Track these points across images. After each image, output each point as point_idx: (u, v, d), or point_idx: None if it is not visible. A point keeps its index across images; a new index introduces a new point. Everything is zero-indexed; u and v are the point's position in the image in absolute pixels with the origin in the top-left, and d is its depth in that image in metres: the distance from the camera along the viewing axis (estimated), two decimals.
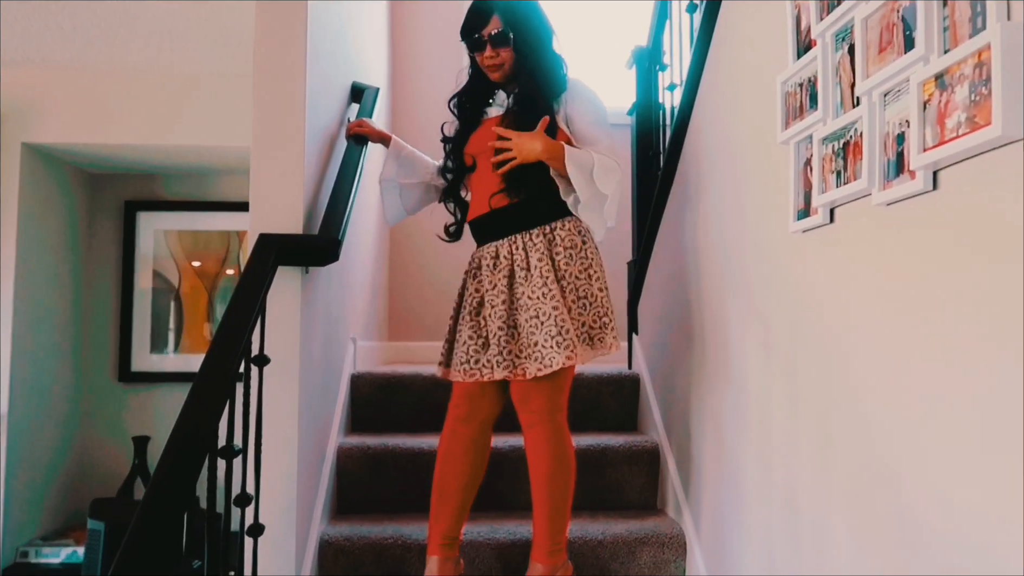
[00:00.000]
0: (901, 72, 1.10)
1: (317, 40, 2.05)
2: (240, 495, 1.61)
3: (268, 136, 1.90)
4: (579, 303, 1.85)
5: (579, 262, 1.86)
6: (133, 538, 1.17)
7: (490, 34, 1.87)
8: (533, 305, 1.80)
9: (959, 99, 0.95)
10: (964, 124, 0.94)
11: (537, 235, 1.85)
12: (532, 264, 1.83)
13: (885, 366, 1.17)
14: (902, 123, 1.10)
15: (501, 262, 1.86)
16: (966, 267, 0.97)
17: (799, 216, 1.45)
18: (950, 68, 0.97)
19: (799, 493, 1.48)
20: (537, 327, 1.79)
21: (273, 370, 1.79)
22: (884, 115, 1.16)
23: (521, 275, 1.84)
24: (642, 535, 2.14)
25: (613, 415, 2.77)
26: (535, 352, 1.78)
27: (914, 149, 1.04)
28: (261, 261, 1.76)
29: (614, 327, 1.89)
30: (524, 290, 1.82)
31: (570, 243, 1.86)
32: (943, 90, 0.99)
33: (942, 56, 1.00)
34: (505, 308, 1.82)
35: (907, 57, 1.07)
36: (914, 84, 1.04)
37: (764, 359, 1.67)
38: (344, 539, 2.07)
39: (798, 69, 1.46)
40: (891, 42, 1.13)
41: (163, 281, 3.56)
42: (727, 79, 1.95)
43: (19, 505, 3.04)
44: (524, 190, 1.86)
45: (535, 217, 1.87)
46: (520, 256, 1.85)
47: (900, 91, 1.12)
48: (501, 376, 1.81)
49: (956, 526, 0.99)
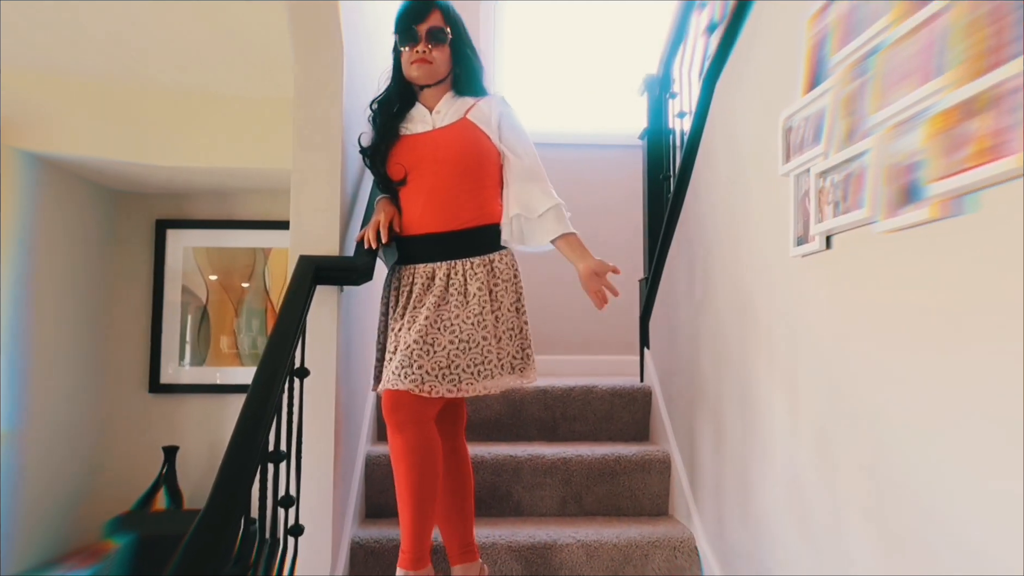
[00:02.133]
0: (916, 104, 1.17)
1: (351, 72, 2.20)
2: (284, 497, 1.75)
3: (307, 165, 2.04)
4: (507, 334, 1.89)
5: (511, 295, 1.92)
6: (197, 538, 1.29)
7: (428, 29, 1.91)
8: (465, 330, 1.82)
9: (975, 130, 1.04)
10: (985, 153, 1.01)
11: (479, 264, 1.89)
12: (470, 291, 1.87)
13: (878, 380, 1.30)
14: (913, 153, 1.17)
15: (435, 283, 1.88)
16: (980, 287, 1.07)
17: (798, 242, 1.59)
18: (967, 100, 1.06)
19: (808, 497, 1.60)
20: (463, 351, 1.81)
21: (313, 382, 1.93)
22: (895, 146, 1.23)
23: (457, 299, 1.85)
24: (654, 539, 2.26)
25: (626, 426, 2.90)
26: (452, 375, 1.79)
27: (929, 178, 1.12)
28: (301, 281, 1.90)
29: (534, 358, 1.95)
30: (458, 313, 1.84)
31: (506, 276, 1.92)
32: (959, 121, 1.07)
33: (962, 88, 1.07)
34: (426, 324, 1.81)
35: (924, 89, 1.15)
36: (928, 116, 1.13)
37: (767, 371, 1.80)
38: (374, 541, 2.20)
39: (803, 105, 1.58)
40: (906, 76, 1.21)
41: (191, 296, 3.71)
42: (736, 109, 2.08)
43: (26, 527, 3.05)
44: (471, 216, 1.91)
45: (477, 246, 1.91)
46: (458, 281, 1.87)
47: (912, 123, 1.19)
48: (404, 388, 1.76)
49: (960, 532, 1.11)
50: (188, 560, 1.23)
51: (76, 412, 3.42)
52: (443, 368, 1.79)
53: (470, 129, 1.95)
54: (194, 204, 3.75)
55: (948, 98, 1.11)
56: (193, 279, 3.72)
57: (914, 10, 1.22)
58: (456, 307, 1.85)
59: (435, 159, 1.93)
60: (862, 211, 1.32)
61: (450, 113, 1.98)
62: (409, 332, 1.82)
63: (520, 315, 1.94)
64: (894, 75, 1.27)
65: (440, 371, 1.79)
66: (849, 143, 1.39)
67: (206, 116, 3.31)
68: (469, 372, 1.81)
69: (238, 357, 3.70)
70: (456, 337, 1.82)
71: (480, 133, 1.95)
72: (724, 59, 2.15)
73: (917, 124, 1.19)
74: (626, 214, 3.93)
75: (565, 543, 2.23)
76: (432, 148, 1.94)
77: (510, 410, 2.87)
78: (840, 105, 1.43)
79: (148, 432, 3.59)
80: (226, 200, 3.76)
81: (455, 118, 1.97)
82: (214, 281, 3.73)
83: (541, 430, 2.89)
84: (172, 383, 3.65)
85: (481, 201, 1.94)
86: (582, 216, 4.06)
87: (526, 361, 1.93)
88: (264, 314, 3.72)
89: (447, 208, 1.91)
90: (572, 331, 4.00)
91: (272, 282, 3.73)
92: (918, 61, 1.21)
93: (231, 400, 3.61)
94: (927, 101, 1.16)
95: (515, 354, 1.91)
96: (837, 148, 1.43)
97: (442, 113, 1.98)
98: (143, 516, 2.95)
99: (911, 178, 1.20)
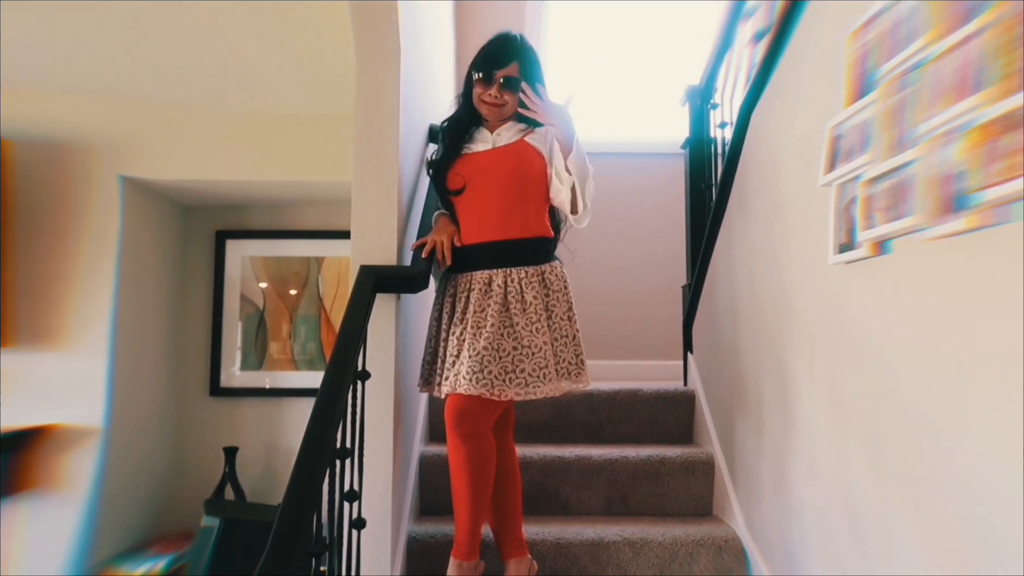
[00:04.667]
0: (966, 113, 1.21)
1: (406, 90, 2.32)
2: (349, 492, 1.86)
3: (367, 179, 2.16)
4: (561, 341, 1.99)
5: (563, 304, 2.02)
6: (281, 528, 1.40)
7: (505, 76, 2.04)
8: (526, 336, 1.93)
9: (1014, 142, 1.07)
10: None
11: (533, 274, 2.00)
12: (527, 299, 1.96)
13: (924, 383, 1.36)
14: (956, 164, 1.22)
15: (493, 290, 1.97)
16: None
17: (840, 249, 1.64)
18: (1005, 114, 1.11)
19: (852, 498, 1.65)
20: (527, 356, 1.91)
21: (373, 384, 2.04)
22: (939, 156, 1.28)
23: (516, 306, 1.95)
24: (699, 538, 2.32)
25: (670, 428, 2.96)
26: (518, 379, 1.90)
27: (973, 188, 1.17)
28: (363, 289, 2.02)
29: (587, 364, 2.05)
30: (518, 320, 1.94)
31: (557, 286, 2.02)
32: (1000, 133, 1.12)
33: (1000, 103, 1.12)
34: (492, 331, 1.91)
35: (973, 99, 1.19)
36: (969, 129, 1.19)
37: (807, 375, 1.85)
38: (429, 536, 2.30)
39: (850, 115, 1.62)
40: (954, 86, 1.26)
41: (248, 303, 3.88)
42: (778, 121, 2.15)
43: (113, 516, 3.28)
44: (523, 227, 2.02)
45: (531, 256, 2.02)
46: (515, 289, 1.97)
47: (953, 135, 1.24)
48: (476, 392, 1.86)
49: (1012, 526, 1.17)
50: (277, 545, 1.35)
51: (152, 413, 3.63)
52: (509, 372, 1.90)
53: (526, 149, 2.09)
54: (251, 215, 3.93)
55: (986, 112, 1.17)
56: (250, 287, 3.89)
57: (952, 29, 1.28)
58: (516, 314, 1.95)
59: (493, 173, 2.07)
60: (910, 218, 1.35)
61: (509, 134, 2.13)
62: (477, 338, 1.92)
63: (572, 323, 2.04)
64: (936, 89, 1.32)
65: (507, 375, 1.90)
66: (897, 151, 1.42)
67: (265, 133, 3.48)
68: (534, 376, 1.91)
69: (292, 362, 3.86)
70: (519, 343, 1.92)
71: (535, 154, 2.08)
72: (770, 69, 2.20)
73: (958, 136, 1.24)
74: (668, 222, 3.99)
75: (612, 541, 2.31)
76: (490, 164, 2.09)
77: (557, 413, 2.96)
78: (887, 115, 1.47)
79: (210, 433, 3.77)
80: (281, 211, 3.93)
81: (514, 139, 2.12)
82: (269, 289, 3.89)
83: (587, 432, 2.97)
84: (230, 387, 3.82)
85: (533, 215, 2.06)
86: (625, 224, 4.18)
87: (580, 367, 2.03)
88: (317, 320, 3.87)
89: (503, 218, 2.04)
90: (617, 337, 4.07)
91: (325, 289, 3.88)
92: (957, 78, 1.27)
93: (286, 403, 3.77)
94: (967, 116, 1.21)
95: (571, 360, 2.01)
96: (885, 156, 1.46)
97: (502, 136, 2.13)
98: (221, 504, 3.16)
99: (956, 187, 1.23)
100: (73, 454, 3.22)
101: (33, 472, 3.21)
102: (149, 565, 3.11)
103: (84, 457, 3.21)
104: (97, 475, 3.20)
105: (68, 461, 3.22)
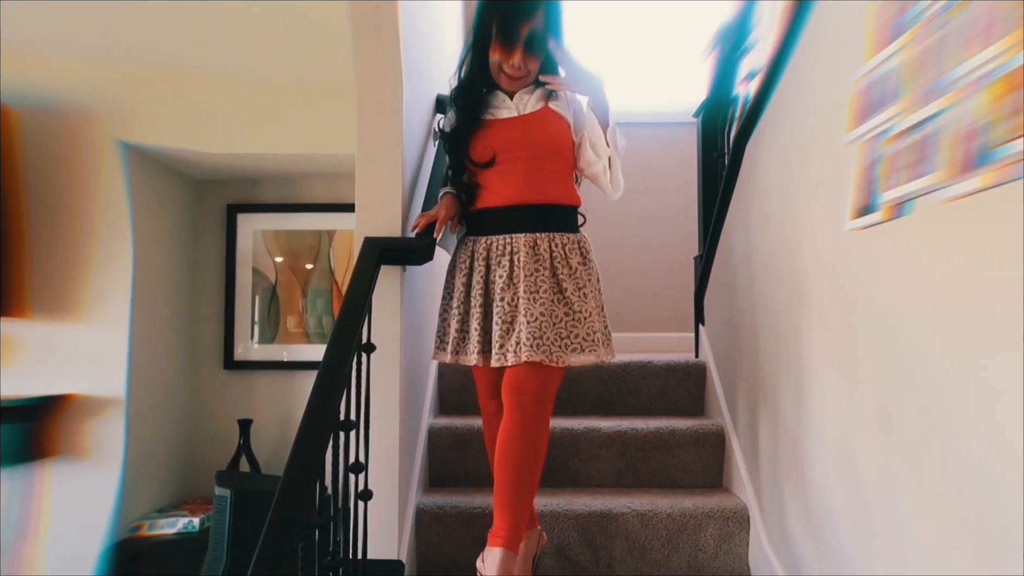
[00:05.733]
0: (992, 60, 1.12)
1: (409, 60, 2.28)
2: (355, 463, 1.87)
3: (371, 151, 2.14)
4: (596, 309, 1.93)
5: (595, 273, 1.97)
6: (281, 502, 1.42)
7: (531, 32, 1.87)
8: (576, 303, 1.87)
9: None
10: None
11: (573, 241, 1.94)
12: (573, 265, 1.91)
13: (945, 352, 1.32)
14: (986, 114, 1.12)
15: (540, 253, 1.89)
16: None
17: (859, 213, 1.57)
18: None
19: (860, 472, 1.63)
20: (579, 322, 1.86)
21: (378, 356, 2.04)
22: (969, 106, 1.18)
23: (564, 272, 1.89)
24: (707, 509, 2.31)
25: (681, 400, 2.94)
26: (575, 344, 1.84)
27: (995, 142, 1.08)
28: (367, 261, 2.01)
29: None
30: (568, 286, 1.88)
31: (591, 257, 1.97)
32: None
33: None
34: (547, 296, 1.85)
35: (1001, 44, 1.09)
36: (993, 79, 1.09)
37: (819, 344, 1.82)
38: (438, 508, 2.32)
39: (875, 65, 1.51)
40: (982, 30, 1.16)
41: (261, 277, 3.90)
42: (803, 78, 2.02)
43: (137, 482, 3.37)
44: (563, 194, 1.96)
45: (568, 224, 1.97)
46: (560, 254, 1.90)
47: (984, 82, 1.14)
48: (537, 359, 1.79)
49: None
50: (277, 516, 1.36)
51: (168, 385, 3.68)
52: (564, 338, 1.84)
53: (555, 117, 1.99)
54: (262, 189, 3.92)
55: (1015, 60, 1.09)
56: (263, 261, 3.90)
57: None
58: (564, 279, 1.88)
59: (528, 142, 1.95)
60: (930, 176, 1.27)
61: (532, 100, 2.00)
62: (533, 304, 1.84)
63: (600, 294, 1.99)
64: (967, 32, 1.22)
65: (562, 341, 1.84)
66: (926, 103, 1.32)
67: (273, 103, 3.45)
68: (588, 341, 1.85)
69: (305, 335, 3.88)
70: (570, 309, 1.87)
71: (562, 121, 1.99)
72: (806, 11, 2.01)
73: (983, 87, 1.15)
74: (680, 192, 3.94)
75: (620, 512, 2.31)
76: (524, 131, 1.96)
77: (567, 385, 2.94)
78: (916, 63, 1.36)
79: (225, 405, 3.81)
80: (292, 184, 3.91)
81: (538, 105, 2.00)
82: (282, 263, 3.90)
83: (597, 405, 2.96)
84: (244, 360, 3.85)
85: (568, 182, 2.00)
86: (637, 195, 4.11)
87: (609, 336, 1.98)
88: (330, 294, 3.88)
89: (539, 184, 1.94)
90: (628, 309, 4.04)
91: (337, 263, 3.88)
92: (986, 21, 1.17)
93: (299, 376, 3.79)
94: (993, 63, 1.13)
95: (602, 329, 1.95)
96: (914, 109, 1.36)
97: (524, 100, 2.00)
98: (235, 474, 3.22)
99: (980, 141, 1.15)
100: (97, 422, 3.28)
101: (58, 438, 3.29)
102: (185, 522, 3.21)
103: (108, 426, 3.27)
104: (124, 442, 3.27)
105: (92, 429, 3.28)
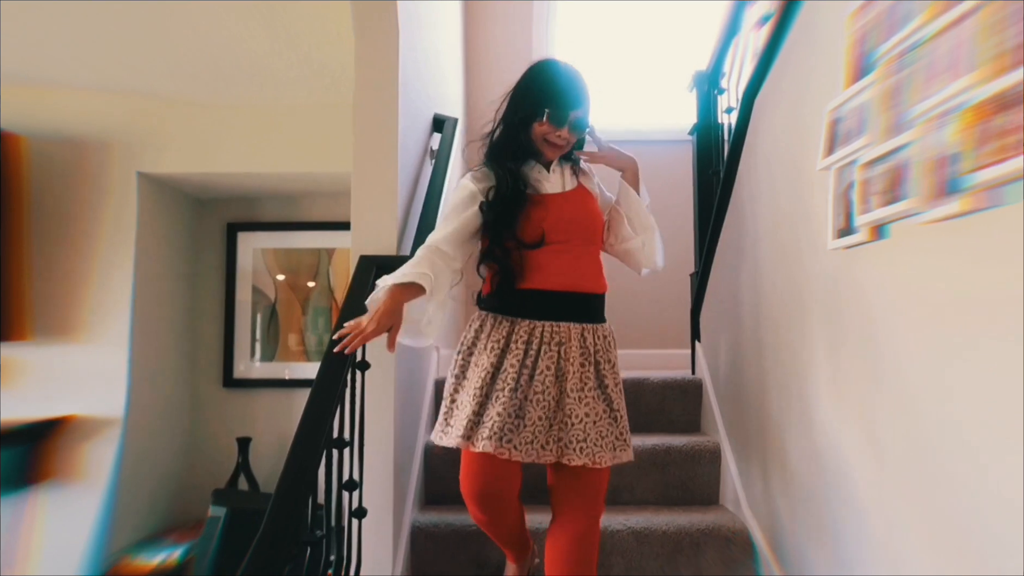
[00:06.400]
0: (960, 94, 1.18)
1: (406, 80, 2.31)
2: (348, 481, 1.88)
3: (366, 170, 2.17)
4: (625, 406, 1.84)
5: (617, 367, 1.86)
6: (273, 513, 1.43)
7: (577, 118, 1.79)
8: (616, 400, 1.77)
9: (1005, 123, 1.06)
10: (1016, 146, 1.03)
11: (610, 332, 1.85)
12: (612, 359, 1.82)
13: (925, 370, 1.33)
14: (955, 144, 1.18)
15: (587, 347, 1.77)
16: None
17: (840, 235, 1.62)
18: (995, 95, 1.08)
19: (855, 487, 1.63)
20: (617, 420, 1.76)
21: (373, 374, 2.05)
22: (933, 139, 1.24)
23: (606, 366, 1.79)
24: (704, 527, 2.31)
25: (677, 417, 2.94)
26: (619, 442, 1.75)
27: (965, 170, 1.14)
28: (362, 279, 2.03)
29: None
30: (608, 382, 1.78)
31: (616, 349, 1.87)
32: (991, 115, 1.09)
33: (989, 84, 1.09)
34: (594, 394, 1.74)
35: (966, 80, 1.16)
36: (962, 110, 1.16)
37: (811, 362, 1.83)
38: (433, 526, 2.32)
39: (848, 97, 1.59)
40: (948, 66, 1.23)
41: (261, 295, 3.92)
42: (779, 105, 2.12)
43: (127, 506, 3.34)
44: (597, 281, 1.84)
45: (602, 313, 1.86)
46: (601, 346, 1.80)
47: (947, 117, 1.21)
48: (580, 462, 1.68)
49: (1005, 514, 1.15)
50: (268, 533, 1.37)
51: (168, 404, 3.69)
52: (604, 438, 1.73)
53: (590, 196, 1.90)
54: (262, 207, 3.95)
55: (979, 92, 1.14)
56: (262, 279, 3.92)
57: (947, 8, 1.25)
58: (605, 374, 1.79)
59: (577, 222, 1.82)
60: (905, 202, 1.33)
61: (565, 175, 1.89)
62: (597, 400, 1.74)
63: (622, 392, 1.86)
64: (931, 70, 1.29)
65: (602, 440, 1.73)
66: (894, 134, 1.40)
67: (273, 124, 3.50)
68: (621, 440, 1.77)
69: (305, 353, 3.89)
70: (610, 406, 1.77)
71: (595, 200, 1.91)
72: (774, 52, 2.16)
73: (951, 118, 1.21)
74: (676, 209, 3.96)
75: (616, 530, 2.30)
76: (570, 210, 1.82)
77: None
78: (884, 98, 1.44)
79: (224, 423, 3.82)
80: (292, 203, 3.95)
81: (573, 184, 1.89)
82: (281, 281, 3.93)
83: None
84: (244, 378, 3.86)
85: (600, 267, 1.88)
86: None
87: (629, 436, 1.83)
88: (329, 312, 3.90)
89: (591, 270, 1.84)
90: (624, 325, 4.04)
91: (336, 281, 3.90)
92: (951, 59, 1.24)
93: (299, 394, 3.80)
94: (961, 97, 1.19)
95: (627, 426, 1.83)
96: (881, 139, 1.44)
97: (557, 173, 1.88)
98: (231, 493, 3.21)
99: (950, 170, 1.21)
100: (93, 444, 3.30)
101: (53, 462, 3.29)
102: (165, 554, 3.16)
103: (104, 447, 3.28)
104: (116, 465, 3.27)
105: (88, 451, 3.29)
